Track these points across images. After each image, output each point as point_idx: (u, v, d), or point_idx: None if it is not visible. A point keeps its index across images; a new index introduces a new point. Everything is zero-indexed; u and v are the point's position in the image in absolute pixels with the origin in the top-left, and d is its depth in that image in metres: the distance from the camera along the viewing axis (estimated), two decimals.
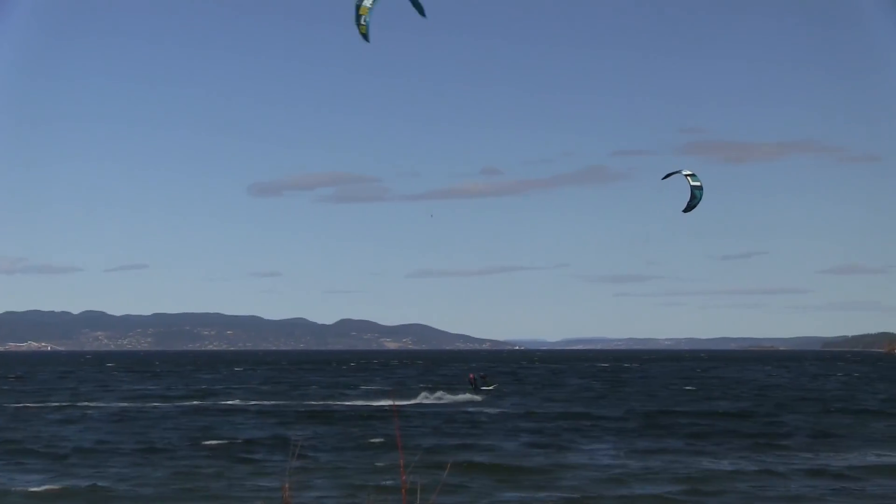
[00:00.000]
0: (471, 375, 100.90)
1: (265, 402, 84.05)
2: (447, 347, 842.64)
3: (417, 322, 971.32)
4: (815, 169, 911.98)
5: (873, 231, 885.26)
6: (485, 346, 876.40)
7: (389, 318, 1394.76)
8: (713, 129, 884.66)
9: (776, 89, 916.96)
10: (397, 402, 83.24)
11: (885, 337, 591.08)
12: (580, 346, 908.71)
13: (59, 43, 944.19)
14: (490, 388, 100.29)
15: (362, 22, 17.42)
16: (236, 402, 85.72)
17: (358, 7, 17.45)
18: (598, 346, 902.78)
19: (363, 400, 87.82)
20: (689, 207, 26.66)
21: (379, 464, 42.69)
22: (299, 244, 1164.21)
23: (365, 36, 17.59)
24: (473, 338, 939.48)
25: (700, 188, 26.37)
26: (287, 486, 8.53)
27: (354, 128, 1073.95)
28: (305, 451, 45.46)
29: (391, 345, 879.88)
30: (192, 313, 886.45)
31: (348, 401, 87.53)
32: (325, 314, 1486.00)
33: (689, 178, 26.12)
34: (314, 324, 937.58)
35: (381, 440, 52.13)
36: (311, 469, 40.55)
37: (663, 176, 26.84)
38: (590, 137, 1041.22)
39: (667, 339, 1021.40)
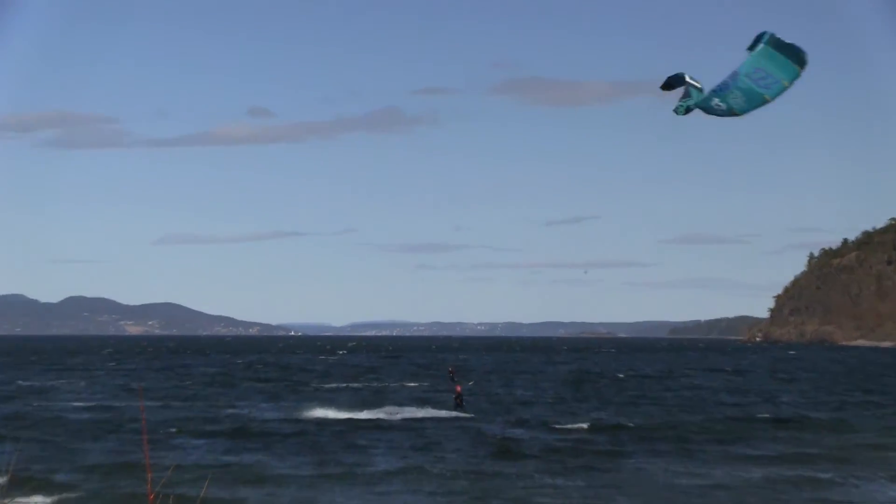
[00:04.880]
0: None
1: None
2: (204, 333, 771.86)
3: (166, 301, 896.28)
4: (654, 115, 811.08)
5: (725, 193, 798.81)
6: (252, 332, 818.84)
7: (131, 295, 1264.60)
8: (532, 63, 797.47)
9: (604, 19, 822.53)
10: None
11: (743, 321, 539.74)
12: (373, 332, 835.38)
13: None
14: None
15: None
16: None
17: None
18: (396, 333, 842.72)
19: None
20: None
21: None
22: (14, 200, 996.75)
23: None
24: (238, 321, 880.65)
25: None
26: None
27: (83, 57, 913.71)
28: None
29: (134, 329, 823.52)
30: None
31: None
32: (49, 290, 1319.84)
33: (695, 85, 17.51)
34: (35, 302, 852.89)
35: None
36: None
37: (663, 85, 17.85)
38: (382, 73, 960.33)
39: (480, 324, 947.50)
